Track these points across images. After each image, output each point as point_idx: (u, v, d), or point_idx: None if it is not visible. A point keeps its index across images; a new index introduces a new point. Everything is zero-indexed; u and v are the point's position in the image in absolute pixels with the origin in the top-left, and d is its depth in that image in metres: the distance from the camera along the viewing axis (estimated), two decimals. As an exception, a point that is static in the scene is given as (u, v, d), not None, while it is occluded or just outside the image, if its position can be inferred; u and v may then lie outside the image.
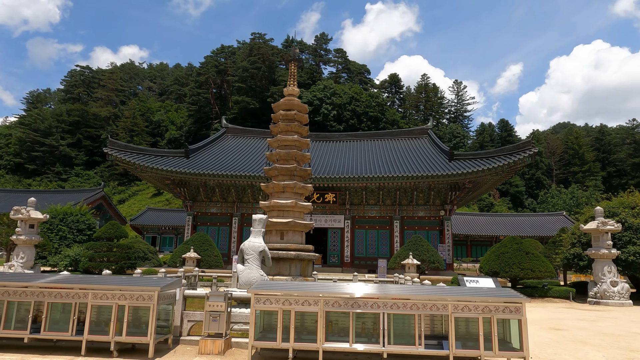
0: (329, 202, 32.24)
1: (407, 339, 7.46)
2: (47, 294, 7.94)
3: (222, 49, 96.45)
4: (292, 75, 18.31)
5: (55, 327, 7.91)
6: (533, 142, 28.42)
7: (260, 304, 7.73)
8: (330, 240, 33.14)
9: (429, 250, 24.30)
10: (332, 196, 32.02)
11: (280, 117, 17.33)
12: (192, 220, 33.23)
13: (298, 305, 7.63)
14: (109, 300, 7.84)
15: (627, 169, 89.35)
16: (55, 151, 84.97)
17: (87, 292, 7.88)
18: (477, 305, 7.40)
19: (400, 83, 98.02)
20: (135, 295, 7.84)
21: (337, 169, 32.89)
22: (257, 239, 11.49)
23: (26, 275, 8.52)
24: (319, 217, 32.86)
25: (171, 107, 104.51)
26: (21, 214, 24.13)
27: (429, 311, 7.50)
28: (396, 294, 7.69)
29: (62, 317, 8.02)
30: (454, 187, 30.87)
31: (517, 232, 52.44)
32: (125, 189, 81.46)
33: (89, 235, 30.56)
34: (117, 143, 30.81)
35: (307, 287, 7.99)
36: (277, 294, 7.81)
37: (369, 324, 7.69)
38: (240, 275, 11.05)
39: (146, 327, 7.91)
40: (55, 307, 8.00)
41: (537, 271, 22.04)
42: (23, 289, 7.98)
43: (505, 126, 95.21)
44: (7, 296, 7.97)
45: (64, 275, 8.85)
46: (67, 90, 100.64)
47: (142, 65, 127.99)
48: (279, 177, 16.84)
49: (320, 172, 31.74)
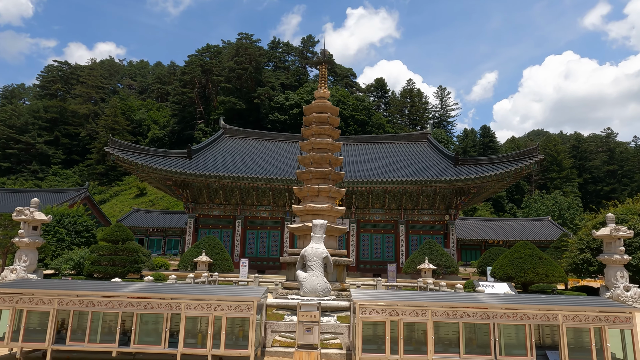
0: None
1: (516, 349, 7.34)
2: (136, 304, 7.46)
3: (208, 48, 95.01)
4: (323, 78, 18.04)
5: (144, 340, 7.44)
6: (538, 149, 29.00)
7: (365, 314, 7.47)
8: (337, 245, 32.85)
9: (444, 255, 24.40)
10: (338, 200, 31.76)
11: (314, 119, 17.03)
12: (193, 222, 32.37)
13: (406, 315, 7.41)
14: (205, 310, 7.43)
15: (602, 175, 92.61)
16: (32, 149, 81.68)
17: (180, 302, 7.45)
18: (588, 315, 7.34)
19: (386, 87, 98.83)
20: (233, 306, 7.46)
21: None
22: (319, 244, 11.19)
23: (111, 285, 7.99)
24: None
25: (153, 105, 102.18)
26: (24, 214, 22.86)
27: (539, 321, 7.40)
28: (504, 304, 7.56)
29: (145, 328, 7.55)
30: (459, 192, 31.17)
31: (505, 236, 53.55)
32: (106, 189, 79.04)
33: (87, 238, 29.37)
34: (119, 142, 29.74)
35: (414, 298, 7.78)
36: (381, 304, 7.57)
37: (475, 334, 7.53)
38: (304, 283, 10.71)
39: (238, 338, 7.55)
40: (141, 318, 7.53)
41: (551, 276, 22.44)
42: (108, 299, 7.48)
43: (487, 132, 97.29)
44: (91, 306, 7.45)
45: (150, 284, 8.34)
46: (43, 86, 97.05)
47: (122, 63, 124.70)
48: (313, 180, 16.56)
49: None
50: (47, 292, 7.47)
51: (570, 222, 64.46)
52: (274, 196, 32.43)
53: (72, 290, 7.52)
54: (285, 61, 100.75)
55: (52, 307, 7.42)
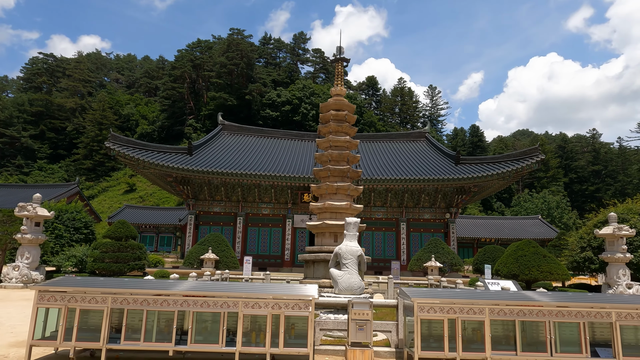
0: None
1: (570, 347, 7.45)
2: (192, 302, 7.35)
3: (198, 43, 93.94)
4: (340, 75, 18.01)
5: (199, 339, 7.34)
6: (540, 149, 29.44)
7: (424, 312, 7.49)
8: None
9: (450, 253, 24.63)
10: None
11: (332, 117, 16.99)
12: (194, 219, 31.99)
13: (463, 314, 7.45)
14: (262, 309, 7.36)
15: (587, 175, 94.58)
16: (16, 143, 79.74)
17: (237, 300, 7.37)
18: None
19: (377, 86, 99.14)
20: (291, 304, 7.41)
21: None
22: (353, 242, 11.18)
23: (162, 283, 7.85)
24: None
25: (141, 100, 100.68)
26: (27, 210, 22.36)
27: (593, 319, 7.52)
28: (557, 302, 7.66)
29: (198, 327, 7.45)
30: (460, 191, 31.48)
31: (498, 234, 54.35)
32: (94, 185, 77.63)
33: (86, 234, 28.83)
34: (120, 137, 29.18)
35: (470, 295, 7.83)
36: (437, 302, 7.61)
37: (526, 332, 7.62)
38: (339, 281, 10.70)
39: (291, 337, 7.51)
40: (197, 317, 7.42)
41: (555, 274, 22.84)
42: (164, 298, 7.35)
43: (476, 132, 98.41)
44: (146, 305, 7.31)
45: (201, 283, 8.22)
46: (28, 79, 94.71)
47: (109, 56, 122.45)
48: (331, 178, 16.54)
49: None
50: (101, 290, 7.31)
51: (559, 220, 65.70)
52: (276, 193, 32.29)
53: (127, 289, 7.37)
54: (277, 57, 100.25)
55: (106, 306, 7.25)
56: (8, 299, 16.44)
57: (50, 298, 7.31)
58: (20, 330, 9.80)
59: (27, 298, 17.15)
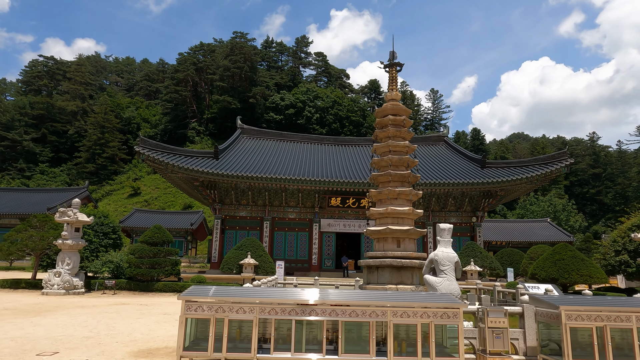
0: (364, 207, 31.99)
1: None
2: (341, 312, 7.23)
3: (201, 46, 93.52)
4: (394, 80, 17.91)
5: (349, 349, 7.22)
6: (568, 152, 29.66)
7: (571, 320, 7.44)
8: (364, 246, 32.89)
9: (488, 257, 24.66)
10: (367, 201, 31.79)
11: (390, 122, 16.91)
12: (220, 223, 31.67)
13: (610, 321, 7.42)
14: (411, 318, 7.26)
15: (588, 178, 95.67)
16: (18, 146, 78.61)
17: (385, 310, 7.26)
18: None
19: (379, 89, 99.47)
20: (439, 313, 7.31)
21: (369, 174, 32.71)
22: (449, 249, 11.13)
23: (301, 293, 7.71)
24: (352, 223, 32.52)
25: (142, 103, 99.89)
26: (68, 216, 21.98)
27: None
28: (700, 308, 7.66)
29: (348, 337, 7.32)
30: (486, 195, 31.60)
31: (509, 237, 54.62)
32: (97, 189, 76.71)
33: (114, 239, 28.39)
34: (149, 141, 28.81)
35: (612, 303, 7.79)
36: (581, 309, 7.57)
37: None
38: (439, 287, 10.63)
39: (436, 347, 7.42)
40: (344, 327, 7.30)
41: (595, 277, 22.97)
42: (312, 308, 7.21)
43: (477, 135, 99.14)
44: (294, 315, 7.18)
45: (345, 292, 8.09)
46: (28, 82, 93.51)
47: (109, 59, 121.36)
48: (392, 183, 16.43)
49: (354, 176, 31.43)
50: (248, 300, 7.17)
51: (565, 223, 66.25)
52: (302, 197, 32.12)
53: (273, 299, 7.24)
54: (279, 61, 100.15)
55: (254, 316, 7.11)
56: (62, 307, 16.04)
57: (198, 308, 7.16)
58: (122, 340, 9.59)
59: (78, 305, 16.77)
